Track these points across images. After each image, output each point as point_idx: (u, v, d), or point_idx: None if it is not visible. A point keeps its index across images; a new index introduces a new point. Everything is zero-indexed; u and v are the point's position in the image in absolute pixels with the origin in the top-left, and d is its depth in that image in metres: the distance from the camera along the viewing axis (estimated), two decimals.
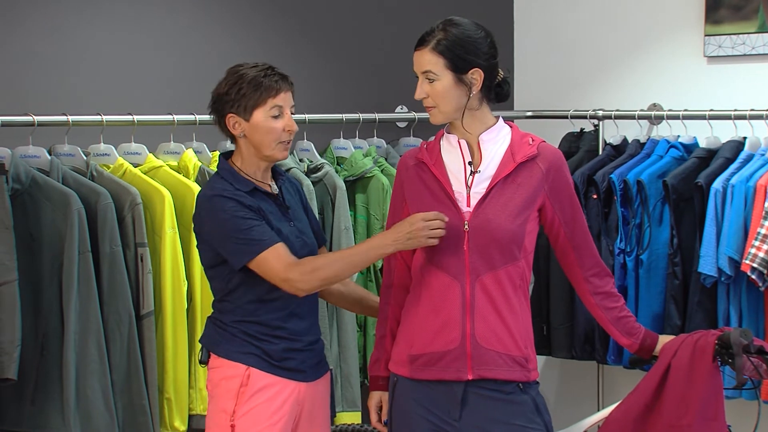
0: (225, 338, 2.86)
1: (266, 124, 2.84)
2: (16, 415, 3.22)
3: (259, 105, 2.84)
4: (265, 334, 2.84)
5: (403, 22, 4.45)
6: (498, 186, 2.77)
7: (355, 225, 3.95)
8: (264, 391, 2.83)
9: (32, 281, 3.21)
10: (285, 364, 2.85)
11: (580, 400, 4.57)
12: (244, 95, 2.83)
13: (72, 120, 3.34)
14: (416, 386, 2.80)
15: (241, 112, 2.85)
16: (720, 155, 3.91)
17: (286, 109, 2.87)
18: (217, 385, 2.86)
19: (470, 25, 2.80)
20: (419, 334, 2.79)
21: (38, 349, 3.21)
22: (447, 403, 2.77)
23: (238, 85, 2.84)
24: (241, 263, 2.79)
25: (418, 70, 2.80)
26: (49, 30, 3.60)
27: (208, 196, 2.85)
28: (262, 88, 2.83)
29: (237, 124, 2.86)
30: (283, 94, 2.86)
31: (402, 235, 2.74)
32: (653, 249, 3.94)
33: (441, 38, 2.76)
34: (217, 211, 2.80)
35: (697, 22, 4.25)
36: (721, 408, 2.84)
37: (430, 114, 2.82)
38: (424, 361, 2.78)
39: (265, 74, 2.85)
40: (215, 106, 2.90)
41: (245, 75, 2.85)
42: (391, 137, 4.28)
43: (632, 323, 2.93)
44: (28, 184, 3.21)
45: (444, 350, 2.75)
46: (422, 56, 2.78)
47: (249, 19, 4.11)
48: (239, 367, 2.82)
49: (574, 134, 4.40)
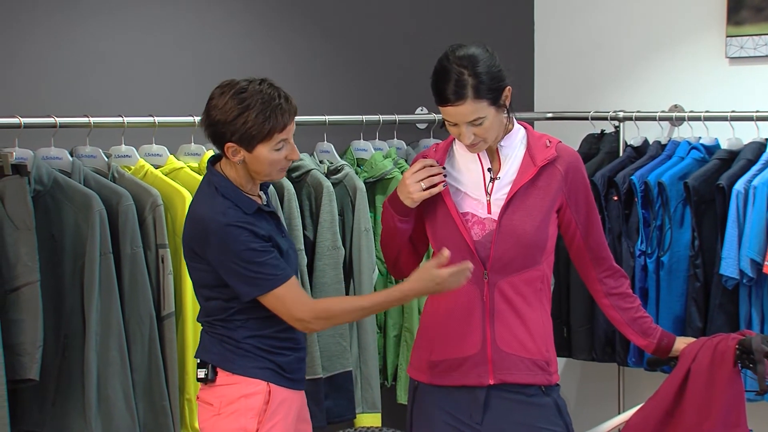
0: (239, 354, 2.76)
1: (270, 157, 2.72)
2: (37, 416, 3.23)
3: (264, 140, 2.69)
4: (276, 347, 2.79)
5: (423, 23, 4.45)
6: (521, 191, 2.76)
7: (375, 226, 3.94)
8: (282, 405, 2.78)
9: (54, 283, 3.21)
10: (295, 375, 2.83)
11: (600, 403, 4.55)
12: (249, 128, 2.67)
13: (93, 122, 3.35)
14: (437, 391, 2.79)
15: (244, 143, 2.70)
16: (742, 157, 3.88)
17: (290, 139, 2.75)
18: (235, 402, 2.76)
19: (483, 54, 2.69)
20: (439, 340, 2.78)
21: (60, 350, 3.21)
22: (469, 407, 2.77)
23: (244, 116, 2.67)
24: (251, 296, 2.71)
25: (462, 122, 2.68)
26: (71, 32, 3.61)
27: (220, 223, 2.67)
28: (269, 123, 2.67)
29: (237, 152, 2.73)
30: (289, 126, 2.72)
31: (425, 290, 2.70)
32: (674, 251, 3.92)
33: (475, 84, 2.65)
34: (230, 242, 2.67)
35: (718, 23, 4.23)
36: (743, 413, 2.82)
37: (475, 148, 2.74)
38: (444, 367, 2.77)
39: (271, 105, 2.67)
40: (214, 130, 2.72)
41: (251, 106, 2.67)
42: (411, 139, 4.27)
43: (648, 323, 2.92)
44: (50, 186, 3.21)
45: (465, 356, 2.75)
46: (464, 109, 2.65)
47: (270, 20, 4.10)
48: (259, 384, 2.75)
49: (595, 136, 4.38)
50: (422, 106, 4.36)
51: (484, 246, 2.75)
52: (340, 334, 3.71)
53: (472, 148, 2.75)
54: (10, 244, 3.11)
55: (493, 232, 2.74)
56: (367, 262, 3.79)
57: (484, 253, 2.74)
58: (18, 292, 3.10)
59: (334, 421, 3.71)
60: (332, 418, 3.69)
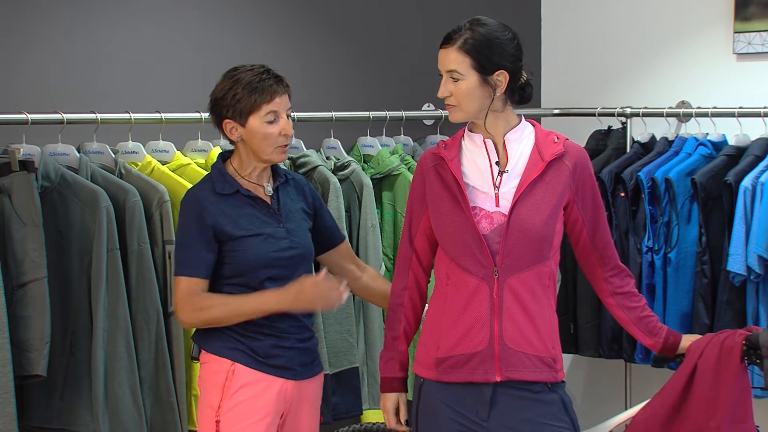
0: (213, 334, 2.88)
1: (262, 130, 2.86)
2: (45, 411, 3.24)
3: (253, 111, 2.85)
4: (251, 330, 2.86)
5: (430, 19, 4.44)
6: (529, 186, 2.75)
7: (382, 223, 3.94)
8: (249, 387, 2.84)
9: (61, 278, 3.22)
10: (271, 361, 2.87)
11: (607, 399, 4.55)
12: (238, 100, 2.85)
13: (101, 118, 3.35)
14: (443, 388, 2.79)
15: (237, 117, 2.87)
16: (749, 153, 3.87)
17: (281, 114, 2.87)
18: (205, 381, 2.89)
19: (498, 26, 2.77)
20: (446, 337, 2.78)
21: (67, 346, 3.22)
22: (475, 404, 2.76)
23: (233, 90, 2.85)
24: (173, 272, 2.91)
25: (443, 69, 2.77)
26: (78, 28, 3.61)
27: (186, 195, 2.92)
28: (257, 94, 2.84)
29: (234, 129, 2.89)
30: (278, 99, 2.86)
31: (290, 298, 2.83)
32: (681, 247, 3.91)
33: (468, 37, 2.74)
34: (181, 213, 2.89)
35: (726, 18, 4.22)
36: (750, 410, 2.82)
37: (450, 112, 2.80)
38: (451, 363, 2.77)
39: (260, 78, 2.85)
40: (213, 110, 2.92)
41: (240, 79, 2.85)
42: (418, 135, 4.27)
43: (654, 322, 2.91)
44: (57, 182, 3.22)
45: (472, 352, 2.74)
46: (448, 55, 2.75)
47: (277, 17, 4.10)
48: (225, 363, 2.86)
49: (602, 132, 4.38)
50: (429, 102, 4.36)
51: (493, 240, 2.74)
52: (347, 331, 3.71)
53: (449, 111, 2.79)
54: (17, 240, 3.11)
55: (502, 225, 2.74)
56: (374, 259, 3.79)
57: (494, 248, 2.74)
58: (25, 288, 3.11)
59: (341, 417, 3.70)
60: (339, 414, 3.68)
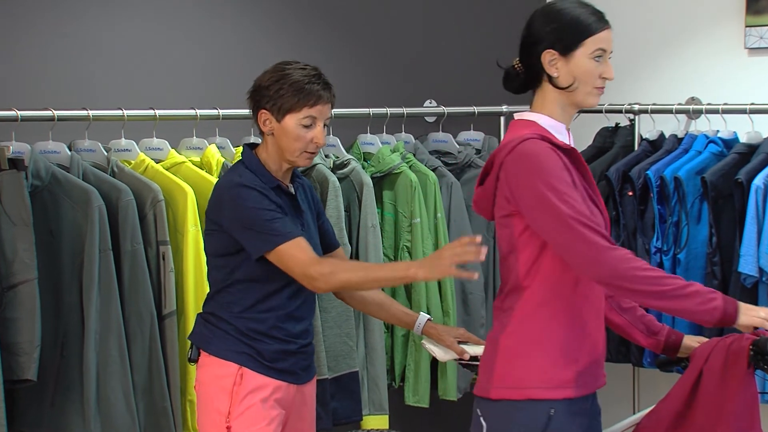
0: (217, 336, 2.85)
1: (296, 131, 2.83)
2: (35, 416, 3.22)
3: (293, 110, 2.83)
4: (259, 333, 2.84)
5: (431, 16, 4.43)
6: None
7: (383, 223, 3.91)
8: (258, 391, 2.82)
9: (52, 280, 3.20)
10: (277, 365, 2.85)
11: (615, 403, 4.49)
12: (282, 96, 2.82)
13: (92, 115, 3.33)
14: (577, 407, 2.61)
15: (275, 111, 2.84)
16: (761, 151, 3.84)
17: (319, 121, 2.86)
18: (208, 384, 2.85)
19: None
20: (579, 345, 2.61)
21: (58, 350, 3.20)
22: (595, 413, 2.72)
23: (279, 83, 2.82)
24: (260, 253, 2.77)
25: (609, 50, 2.73)
26: (69, 22, 3.58)
27: (233, 183, 2.82)
28: (302, 95, 2.81)
29: (268, 121, 2.86)
30: (320, 106, 2.84)
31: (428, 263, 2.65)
32: (691, 248, 3.88)
33: None
34: (242, 199, 2.79)
35: (737, 12, 4.19)
36: (757, 416, 2.76)
37: (600, 94, 2.75)
38: (591, 370, 2.63)
39: (310, 80, 2.82)
40: (253, 95, 2.89)
41: (289, 75, 2.82)
42: (420, 132, 4.23)
43: (653, 321, 2.86)
44: (48, 181, 3.20)
45: (599, 357, 2.67)
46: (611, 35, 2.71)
47: (274, 12, 4.07)
48: (231, 366, 2.82)
49: (609, 129, 4.35)
50: (431, 98, 4.34)
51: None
52: (347, 334, 3.68)
53: (600, 93, 2.75)
54: (7, 240, 3.10)
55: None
56: (374, 260, 3.76)
57: None
58: (15, 290, 3.09)
59: (340, 423, 3.69)
60: (338, 420, 3.66)
